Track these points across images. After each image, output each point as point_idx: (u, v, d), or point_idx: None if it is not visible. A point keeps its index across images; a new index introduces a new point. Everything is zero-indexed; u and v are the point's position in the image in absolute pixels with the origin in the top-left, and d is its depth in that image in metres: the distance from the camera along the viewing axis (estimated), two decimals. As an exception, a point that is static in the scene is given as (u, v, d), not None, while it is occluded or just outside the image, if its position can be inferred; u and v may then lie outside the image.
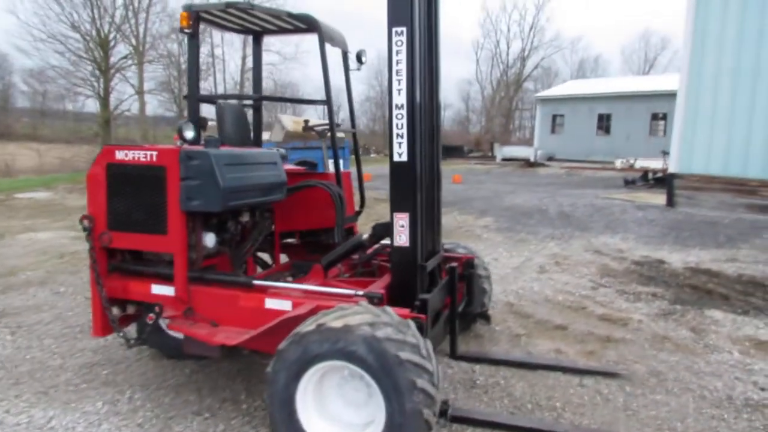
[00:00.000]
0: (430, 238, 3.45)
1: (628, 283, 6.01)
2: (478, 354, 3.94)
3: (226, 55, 38.56)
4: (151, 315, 3.08)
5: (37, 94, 37.07)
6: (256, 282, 3.05)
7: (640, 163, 23.42)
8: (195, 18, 3.75)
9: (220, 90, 34.96)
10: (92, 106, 32.80)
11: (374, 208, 10.29)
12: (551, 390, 3.45)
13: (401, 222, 3.07)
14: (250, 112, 4.57)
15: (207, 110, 4.21)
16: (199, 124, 3.97)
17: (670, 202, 11.51)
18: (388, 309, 2.57)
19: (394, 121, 3.02)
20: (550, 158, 31.59)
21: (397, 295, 3.11)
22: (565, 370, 3.71)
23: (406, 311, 2.72)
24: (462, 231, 9.32)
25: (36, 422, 3.02)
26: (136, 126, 34.48)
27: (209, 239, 3.22)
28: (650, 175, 17.08)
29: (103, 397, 3.28)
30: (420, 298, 2.96)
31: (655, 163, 20.04)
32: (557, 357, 3.98)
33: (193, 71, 3.88)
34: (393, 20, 2.97)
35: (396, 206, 3.08)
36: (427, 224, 3.30)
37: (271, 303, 2.90)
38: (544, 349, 4.12)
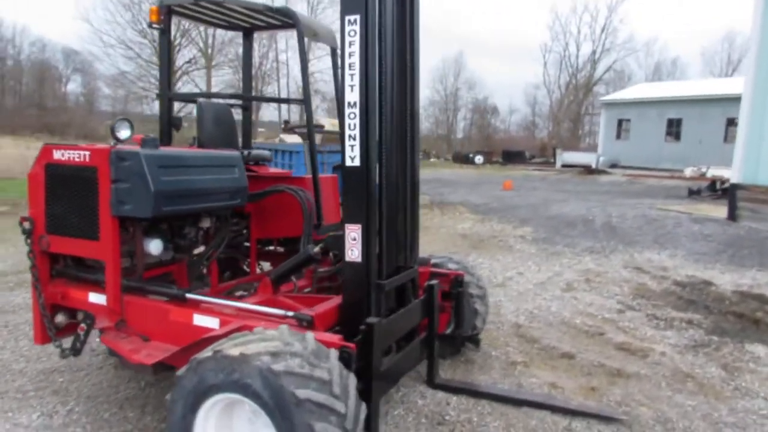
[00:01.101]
0: (397, 252, 3.08)
1: (662, 307, 5.36)
2: (460, 383, 3.52)
3: (290, 60, 39.25)
4: (83, 325, 2.89)
5: (116, 98, 39.37)
6: (189, 296, 2.79)
7: (713, 172, 21.59)
8: (166, 12, 3.58)
9: (284, 94, 35.52)
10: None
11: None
12: (530, 433, 2.99)
13: (353, 234, 2.72)
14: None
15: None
16: (173, 123, 3.80)
17: (732, 216, 10.41)
18: (309, 335, 2.23)
19: (347, 121, 2.68)
20: (614, 165, 29.97)
21: (348, 317, 2.77)
22: (554, 409, 3.22)
23: (336, 338, 2.38)
24: (495, 241, 8.80)
25: (-35, 433, 2.89)
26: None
27: (154, 246, 3.00)
28: (718, 185, 15.70)
29: (44, 408, 3.12)
30: (366, 322, 2.60)
31: (730, 172, 18.40)
32: (551, 393, 3.49)
33: (165, 68, 3.70)
34: (346, 7, 2.64)
35: (348, 217, 2.73)
36: (390, 237, 2.93)
37: (199, 319, 2.63)
38: (538, 382, 3.63)
